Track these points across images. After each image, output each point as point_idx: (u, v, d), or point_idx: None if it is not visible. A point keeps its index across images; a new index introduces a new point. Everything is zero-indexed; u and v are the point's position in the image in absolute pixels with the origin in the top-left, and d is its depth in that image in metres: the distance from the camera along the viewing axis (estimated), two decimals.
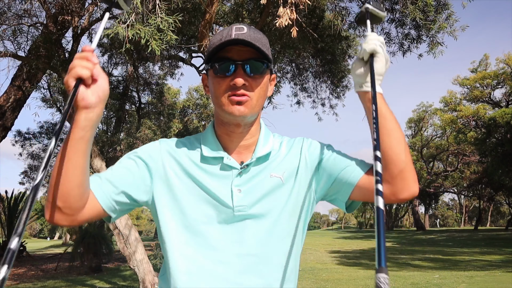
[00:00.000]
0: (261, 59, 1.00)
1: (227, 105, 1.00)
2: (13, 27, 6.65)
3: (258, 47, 0.97)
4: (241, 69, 0.98)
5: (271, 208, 1.05)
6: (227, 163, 1.05)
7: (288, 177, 1.07)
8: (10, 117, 8.14)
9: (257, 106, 1.03)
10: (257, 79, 1.01)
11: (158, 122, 12.01)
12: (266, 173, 1.07)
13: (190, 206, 1.03)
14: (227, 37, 0.98)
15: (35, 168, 13.78)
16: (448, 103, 25.89)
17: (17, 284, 9.20)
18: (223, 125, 1.06)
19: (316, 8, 7.02)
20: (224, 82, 1.00)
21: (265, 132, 1.12)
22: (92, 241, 10.69)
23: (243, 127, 1.05)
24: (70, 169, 0.89)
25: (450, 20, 5.15)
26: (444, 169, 32.85)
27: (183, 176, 1.05)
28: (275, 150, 1.11)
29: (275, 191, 1.06)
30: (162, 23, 3.51)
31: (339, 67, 8.50)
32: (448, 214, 60.69)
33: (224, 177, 1.05)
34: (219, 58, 0.99)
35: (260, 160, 1.07)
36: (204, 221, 1.03)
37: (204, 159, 1.07)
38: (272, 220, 1.04)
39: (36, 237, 53.82)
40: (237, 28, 0.99)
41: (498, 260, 11.89)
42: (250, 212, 1.03)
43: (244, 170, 1.05)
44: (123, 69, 11.63)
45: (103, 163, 7.00)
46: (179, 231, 1.03)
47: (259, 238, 1.03)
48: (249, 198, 1.04)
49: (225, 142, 1.08)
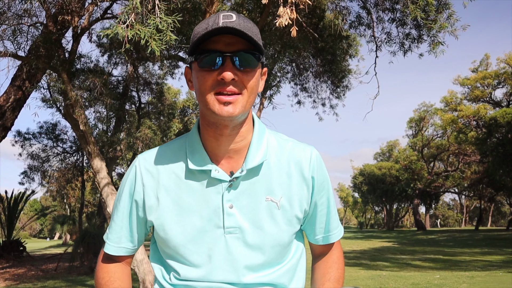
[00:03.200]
0: (252, 51, 0.87)
1: (213, 104, 0.87)
2: (13, 27, 6.64)
3: (250, 37, 0.84)
4: (229, 62, 0.86)
5: (264, 236, 0.97)
6: (215, 176, 0.94)
7: (284, 203, 0.98)
8: (10, 117, 8.14)
9: (248, 104, 0.90)
10: (248, 73, 0.88)
11: (158, 122, 12.00)
12: (260, 190, 0.97)
13: (173, 230, 0.97)
14: (213, 26, 0.85)
15: (35, 168, 13.76)
16: (449, 103, 25.88)
17: (17, 284, 9.19)
18: (210, 127, 0.94)
19: (317, 8, 7.01)
20: (210, 76, 0.87)
21: (258, 133, 0.99)
22: (92, 241, 10.67)
23: (232, 128, 0.93)
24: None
25: (451, 19, 5.14)
26: (445, 169, 32.84)
27: (165, 198, 0.98)
28: (271, 158, 0.99)
29: (269, 217, 0.97)
30: (161, 23, 3.50)
31: (339, 67, 8.49)
32: (449, 214, 60.64)
33: (213, 192, 0.96)
34: (204, 50, 0.87)
35: (252, 171, 0.96)
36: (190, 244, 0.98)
37: (190, 173, 0.97)
38: (266, 251, 0.98)
39: (36, 237, 53.81)
40: (225, 16, 0.86)
41: (499, 260, 11.86)
42: (241, 237, 0.97)
43: (235, 183, 0.95)
44: (123, 69, 11.63)
45: (103, 163, 6.98)
46: (166, 254, 1.03)
47: (252, 268, 0.98)
48: (241, 219, 0.96)
49: (212, 146, 0.96)
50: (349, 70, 8.81)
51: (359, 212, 60.19)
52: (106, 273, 1.06)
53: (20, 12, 6.64)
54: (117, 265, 1.08)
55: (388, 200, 38.84)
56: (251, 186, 0.97)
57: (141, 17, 3.59)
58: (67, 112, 7.06)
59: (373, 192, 37.66)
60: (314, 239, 1.11)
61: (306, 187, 1.01)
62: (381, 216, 53.68)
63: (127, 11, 3.46)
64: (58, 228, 24.12)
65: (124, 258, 1.09)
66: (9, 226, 14.16)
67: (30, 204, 48.20)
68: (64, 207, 32.98)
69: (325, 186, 1.04)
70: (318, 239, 1.10)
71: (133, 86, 11.61)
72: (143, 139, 9.15)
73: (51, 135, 13.47)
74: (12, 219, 14.41)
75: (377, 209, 51.19)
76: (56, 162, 14.03)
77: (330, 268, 1.11)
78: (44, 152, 13.67)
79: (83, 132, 6.83)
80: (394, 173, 34.27)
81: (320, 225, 1.08)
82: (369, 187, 37.84)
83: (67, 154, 14.09)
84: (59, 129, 13.50)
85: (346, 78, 8.81)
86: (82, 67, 8.83)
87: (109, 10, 7.55)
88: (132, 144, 9.26)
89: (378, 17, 6.76)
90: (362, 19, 6.99)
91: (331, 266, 1.12)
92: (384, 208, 43.85)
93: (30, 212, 44.09)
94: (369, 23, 6.90)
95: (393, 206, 42.22)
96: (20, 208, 15.17)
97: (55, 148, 13.83)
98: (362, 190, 39.72)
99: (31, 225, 50.96)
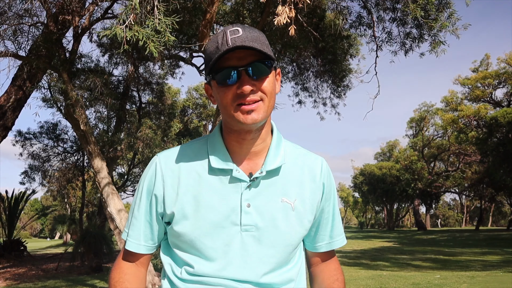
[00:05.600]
0: (263, 60, 0.94)
1: (237, 115, 0.94)
2: (14, 27, 6.64)
3: (260, 50, 0.91)
4: (245, 74, 0.93)
5: (278, 235, 1.02)
6: (236, 175, 1.00)
7: (298, 205, 1.04)
8: (10, 117, 8.14)
9: (270, 108, 0.97)
10: (263, 80, 0.95)
11: (159, 122, 11.99)
12: (276, 191, 1.03)
13: (190, 224, 1.00)
14: (223, 45, 0.91)
15: (36, 168, 13.77)
16: (449, 103, 25.87)
17: (17, 284, 9.20)
18: (233, 133, 1.01)
19: (317, 8, 7.01)
20: (230, 91, 0.94)
21: (277, 138, 1.06)
22: (93, 241, 10.68)
23: (254, 132, 1.00)
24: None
25: (452, 18, 5.14)
26: (445, 169, 32.84)
27: (185, 193, 1.01)
28: (287, 162, 1.06)
29: (284, 217, 1.02)
30: (159, 24, 3.50)
31: (340, 67, 8.49)
32: (449, 214, 60.60)
33: (233, 191, 1.01)
34: (219, 69, 0.94)
35: (270, 173, 1.02)
36: (206, 239, 1.01)
37: (212, 171, 1.02)
38: (279, 249, 1.03)
39: (37, 237, 53.85)
40: (232, 32, 0.92)
41: (499, 260, 11.85)
42: (257, 235, 1.01)
43: (253, 183, 1.01)
44: (123, 68, 11.61)
45: (103, 163, 6.98)
46: (181, 248, 1.05)
47: (265, 266, 1.02)
48: (257, 218, 1.00)
49: (234, 149, 1.03)
50: (349, 70, 8.80)
51: (360, 212, 60.17)
52: (118, 273, 1.08)
53: (21, 12, 6.65)
54: (131, 266, 1.09)
55: (389, 200, 38.83)
56: (268, 187, 1.02)
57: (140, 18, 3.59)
58: (68, 112, 7.07)
59: (373, 192, 37.66)
60: (314, 247, 1.14)
61: (318, 192, 1.08)
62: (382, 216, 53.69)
63: (126, 12, 3.46)
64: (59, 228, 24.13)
65: (141, 257, 1.10)
66: (10, 226, 14.18)
67: (31, 203, 48.25)
68: (65, 207, 32.98)
69: (332, 194, 1.12)
70: (319, 246, 1.13)
71: (134, 86, 11.61)
72: (144, 139, 9.14)
73: (51, 135, 13.46)
74: (13, 218, 14.43)
75: (378, 209, 51.21)
76: (57, 162, 14.03)
77: (334, 274, 1.17)
78: (44, 152, 13.67)
79: (84, 132, 6.83)
80: (395, 173, 34.26)
81: (324, 232, 1.12)
82: (369, 187, 37.83)
83: (67, 154, 14.09)
84: (60, 129, 13.50)
85: (346, 77, 8.80)
86: (83, 67, 8.83)
87: (109, 10, 7.55)
88: (132, 144, 9.25)
89: (378, 17, 6.75)
90: (363, 19, 6.98)
91: (334, 272, 1.17)
92: (385, 208, 43.84)
93: (31, 212, 44.14)
94: (370, 23, 6.90)
95: (394, 206, 42.19)
96: (21, 207, 15.19)
97: (56, 148, 13.83)
98: (363, 190, 39.72)
99: (31, 225, 50.99)
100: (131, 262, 1.10)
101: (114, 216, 6.53)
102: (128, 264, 1.09)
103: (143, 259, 1.10)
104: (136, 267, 1.10)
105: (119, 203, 6.70)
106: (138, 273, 1.10)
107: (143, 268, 1.11)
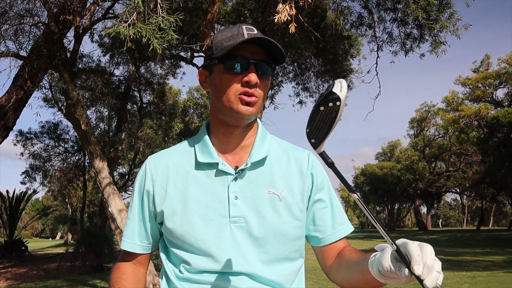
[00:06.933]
0: (269, 61, 1.00)
1: (236, 103, 0.97)
2: (15, 27, 6.65)
3: (280, 48, 0.96)
4: (253, 68, 0.97)
5: (267, 226, 1.01)
6: (222, 169, 1.02)
7: (286, 196, 1.04)
8: (11, 117, 8.16)
9: (260, 107, 1.02)
10: (265, 80, 1.00)
11: (160, 122, 11.99)
12: (263, 183, 1.04)
13: (179, 220, 1.01)
14: (239, 35, 0.97)
15: (37, 168, 13.78)
16: (450, 103, 25.84)
17: (18, 283, 9.21)
18: (221, 125, 1.04)
19: (318, 8, 7.01)
20: (235, 79, 0.97)
21: (262, 133, 1.09)
22: (94, 241, 10.68)
23: (242, 128, 1.03)
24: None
25: (452, 19, 5.13)
26: (447, 169, 32.76)
27: (174, 190, 1.04)
28: (272, 154, 1.08)
29: (272, 208, 1.02)
30: (163, 22, 3.50)
31: (341, 67, 8.48)
32: (450, 214, 60.53)
33: (220, 184, 1.02)
34: (230, 56, 0.97)
35: (255, 165, 1.04)
36: (196, 232, 1.01)
37: (198, 166, 1.05)
38: (269, 240, 1.01)
39: (38, 237, 53.91)
40: (248, 28, 0.99)
41: (500, 261, 11.84)
42: (245, 226, 1.00)
43: (239, 175, 1.03)
44: (124, 68, 11.63)
45: (104, 163, 6.99)
46: (174, 245, 1.05)
47: (260, 259, 1.01)
48: (245, 209, 1.01)
49: (221, 143, 1.06)
50: (350, 70, 8.80)
51: (361, 212, 60.14)
52: (117, 272, 1.10)
53: (22, 12, 6.66)
54: (129, 265, 1.12)
55: (390, 200, 38.79)
56: (255, 179, 1.04)
57: (143, 16, 3.60)
58: (69, 112, 7.08)
59: (374, 192, 37.60)
60: (319, 240, 1.10)
61: (306, 181, 1.08)
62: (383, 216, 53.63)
63: (129, 10, 3.46)
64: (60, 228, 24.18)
65: (138, 256, 1.11)
66: (11, 226, 14.20)
67: (32, 203, 48.28)
68: (66, 207, 33.01)
69: (325, 184, 1.11)
70: (324, 239, 1.09)
71: (135, 86, 11.62)
72: (145, 139, 9.16)
73: (52, 135, 13.46)
74: (14, 218, 14.44)
75: (379, 209, 51.12)
76: (58, 162, 14.04)
77: (349, 249, 1.09)
78: (45, 152, 13.67)
79: (85, 132, 6.84)
80: (396, 173, 34.20)
81: (325, 223, 1.09)
82: (370, 187, 37.77)
83: (68, 153, 14.10)
84: (61, 129, 13.50)
85: (347, 77, 8.79)
86: (84, 67, 8.85)
87: (110, 10, 7.55)
88: (133, 144, 9.27)
89: (379, 17, 6.75)
90: (364, 19, 6.98)
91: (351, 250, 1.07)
92: (386, 208, 43.79)
93: (32, 212, 44.14)
94: (371, 23, 6.90)
95: (395, 206, 42.13)
96: (22, 207, 15.21)
97: (57, 148, 13.83)
98: (364, 190, 39.66)
99: (32, 225, 51.02)
100: (129, 261, 1.12)
101: (115, 216, 6.54)
102: (126, 263, 1.12)
103: (140, 258, 1.12)
104: (134, 266, 1.12)
105: (120, 203, 6.71)
106: (136, 272, 1.11)
107: (142, 267, 1.13)
